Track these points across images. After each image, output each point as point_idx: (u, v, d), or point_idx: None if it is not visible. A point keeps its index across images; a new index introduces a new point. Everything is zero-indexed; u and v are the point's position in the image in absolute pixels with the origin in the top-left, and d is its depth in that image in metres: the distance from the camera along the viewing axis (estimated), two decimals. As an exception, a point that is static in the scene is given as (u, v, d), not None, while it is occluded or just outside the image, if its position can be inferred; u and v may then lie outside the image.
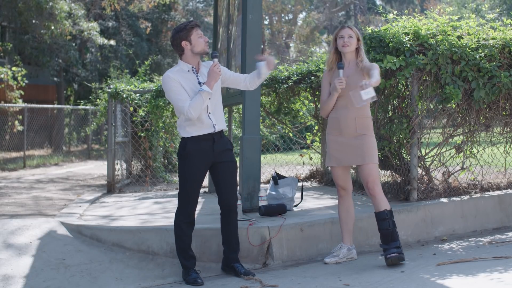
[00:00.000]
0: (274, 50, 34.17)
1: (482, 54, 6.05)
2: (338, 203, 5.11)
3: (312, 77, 7.96)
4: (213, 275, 4.93)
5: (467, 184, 6.51)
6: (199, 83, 4.66)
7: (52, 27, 18.14)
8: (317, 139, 8.70)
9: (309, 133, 9.06)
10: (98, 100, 10.82)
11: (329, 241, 5.38)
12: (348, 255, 5.08)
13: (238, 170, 4.92)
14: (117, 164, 8.84)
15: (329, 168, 5.07)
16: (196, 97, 4.56)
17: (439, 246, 5.48)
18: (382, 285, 4.23)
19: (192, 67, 4.70)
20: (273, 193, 6.11)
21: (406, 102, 6.18)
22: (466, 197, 6.17)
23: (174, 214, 6.21)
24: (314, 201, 6.63)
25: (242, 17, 6.15)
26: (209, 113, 4.67)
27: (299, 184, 6.91)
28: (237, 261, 4.84)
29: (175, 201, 7.34)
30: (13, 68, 16.27)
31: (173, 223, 5.47)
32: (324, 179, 8.32)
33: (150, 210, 6.66)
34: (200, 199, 7.35)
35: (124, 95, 8.89)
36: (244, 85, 4.94)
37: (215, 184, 4.81)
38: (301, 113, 8.75)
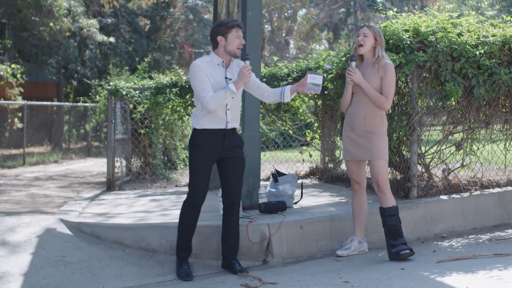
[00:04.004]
0: (273, 47, 34.15)
1: (482, 51, 6.04)
2: (352, 197, 5.15)
3: (312, 74, 7.94)
4: (213, 272, 4.93)
5: (467, 181, 6.51)
6: (226, 78, 4.71)
7: (51, 24, 18.11)
8: (317, 136, 8.70)
9: (309, 130, 9.05)
10: (97, 97, 10.80)
11: (329, 238, 5.38)
12: (359, 248, 5.15)
13: (244, 168, 4.92)
14: (116, 161, 8.83)
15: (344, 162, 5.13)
16: (220, 92, 4.61)
17: (439, 243, 5.48)
18: (382, 282, 4.23)
19: (223, 61, 4.75)
20: (273, 190, 6.11)
21: (406, 99, 6.17)
22: (466, 194, 6.17)
23: (172, 211, 6.24)
24: (314, 199, 6.62)
25: (241, 14, 6.14)
26: (228, 109, 4.72)
27: (299, 181, 6.91)
28: (234, 258, 4.86)
29: (173, 198, 7.35)
30: (13, 65, 16.25)
31: (172, 221, 5.48)
32: (324, 176, 8.31)
33: (149, 208, 6.66)
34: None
35: (124, 92, 8.88)
36: (262, 95, 4.97)
37: (221, 179, 4.84)
38: (301, 110, 8.74)
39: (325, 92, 7.80)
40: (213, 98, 4.59)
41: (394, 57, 5.81)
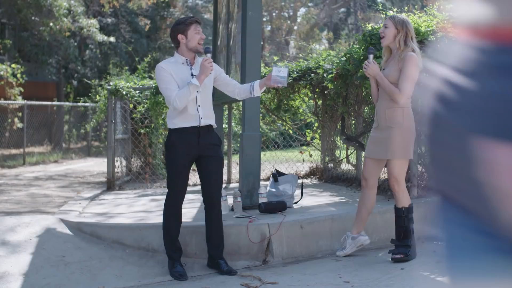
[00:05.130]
0: (274, 47, 34.14)
1: (482, 51, 6.03)
2: (360, 193, 5.08)
3: (312, 74, 7.95)
4: (213, 272, 4.92)
5: (467, 181, 6.50)
6: (192, 75, 4.71)
7: (51, 24, 18.11)
8: (317, 136, 8.70)
9: (309, 130, 9.06)
10: (97, 97, 10.81)
11: (329, 238, 5.38)
12: (356, 243, 5.09)
13: (223, 166, 4.95)
14: (116, 161, 8.83)
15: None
16: (184, 88, 4.62)
17: (439, 243, 5.46)
18: (382, 282, 4.23)
19: (186, 59, 4.76)
20: (273, 190, 6.11)
21: (406, 99, 6.17)
22: (466, 194, 6.16)
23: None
24: (314, 198, 6.62)
25: (242, 14, 6.14)
26: (198, 105, 4.73)
27: (299, 181, 6.91)
28: (221, 257, 4.86)
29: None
30: (13, 65, 16.25)
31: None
32: (324, 176, 8.31)
33: (149, 207, 6.66)
34: (199, 197, 7.38)
35: (124, 92, 8.88)
36: (233, 92, 4.95)
37: (200, 178, 4.86)
38: (301, 110, 8.74)
39: (325, 92, 7.80)
40: (178, 95, 4.60)
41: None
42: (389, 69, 4.81)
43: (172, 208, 4.80)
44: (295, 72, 8.10)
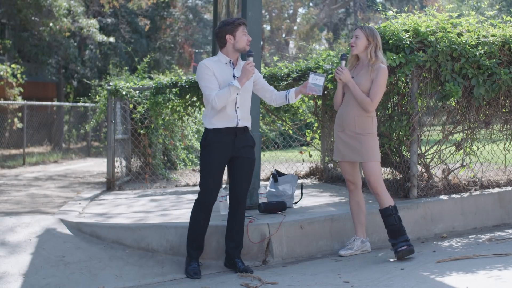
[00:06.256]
0: (273, 47, 34.14)
1: (482, 51, 6.04)
2: (349, 197, 5.18)
3: (312, 74, 7.94)
4: (213, 272, 4.93)
5: (467, 181, 6.51)
6: (234, 76, 4.75)
7: (51, 24, 18.11)
8: (317, 136, 8.70)
9: (309, 130, 9.05)
10: (97, 97, 10.80)
11: (329, 238, 5.39)
12: (362, 247, 5.17)
13: (254, 168, 4.97)
14: (116, 161, 8.82)
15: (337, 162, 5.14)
16: (224, 89, 4.65)
17: (439, 243, 5.48)
18: (382, 282, 4.23)
19: (230, 60, 4.80)
20: (273, 190, 6.11)
21: (406, 99, 6.18)
22: (466, 194, 6.17)
23: (172, 211, 6.24)
24: (313, 199, 6.62)
25: (241, 14, 6.14)
26: (237, 107, 4.76)
27: (299, 181, 6.91)
28: (238, 257, 4.87)
29: (172, 198, 7.35)
30: (13, 65, 16.24)
31: (172, 221, 5.50)
32: (324, 176, 8.31)
33: (148, 208, 6.66)
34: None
35: (124, 92, 8.88)
36: (270, 98, 5.04)
37: (230, 177, 4.88)
38: (300, 110, 8.74)
39: (325, 92, 7.80)
40: (218, 95, 4.63)
41: (394, 57, 5.81)
42: (360, 78, 4.95)
43: (203, 207, 4.79)
44: (295, 72, 8.10)
